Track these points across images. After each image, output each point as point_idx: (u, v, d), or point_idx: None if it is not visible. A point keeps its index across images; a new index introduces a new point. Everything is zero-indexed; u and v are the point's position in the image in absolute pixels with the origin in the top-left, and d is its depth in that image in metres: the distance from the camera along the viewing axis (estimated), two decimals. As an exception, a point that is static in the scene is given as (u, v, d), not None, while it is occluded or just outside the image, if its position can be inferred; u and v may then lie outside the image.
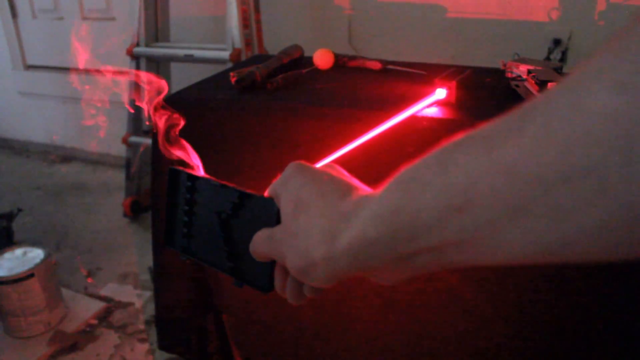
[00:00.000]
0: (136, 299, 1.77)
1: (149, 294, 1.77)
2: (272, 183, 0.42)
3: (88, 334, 1.62)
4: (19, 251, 1.62)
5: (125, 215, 2.29)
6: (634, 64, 0.21)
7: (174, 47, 2.06)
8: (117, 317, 1.69)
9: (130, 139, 2.20)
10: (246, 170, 1.03)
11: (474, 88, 1.01)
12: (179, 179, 0.52)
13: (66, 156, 3.01)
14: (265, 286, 0.44)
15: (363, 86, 1.08)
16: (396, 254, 0.32)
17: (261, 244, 0.41)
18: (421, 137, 0.87)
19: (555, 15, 1.71)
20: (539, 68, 0.94)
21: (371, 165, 0.81)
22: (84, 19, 2.65)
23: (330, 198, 0.36)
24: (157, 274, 1.17)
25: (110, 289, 1.83)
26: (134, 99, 2.20)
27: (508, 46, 1.78)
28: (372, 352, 1.06)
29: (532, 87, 0.92)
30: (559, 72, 0.94)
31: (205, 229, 0.50)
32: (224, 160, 1.04)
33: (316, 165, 0.42)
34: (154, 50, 2.10)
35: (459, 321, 0.95)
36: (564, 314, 0.87)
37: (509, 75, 0.99)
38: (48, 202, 2.49)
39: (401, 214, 0.30)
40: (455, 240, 0.28)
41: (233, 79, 1.06)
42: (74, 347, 1.57)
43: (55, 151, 3.05)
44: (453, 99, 0.93)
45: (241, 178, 1.04)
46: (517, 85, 0.97)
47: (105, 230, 2.22)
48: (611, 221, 0.22)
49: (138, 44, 2.11)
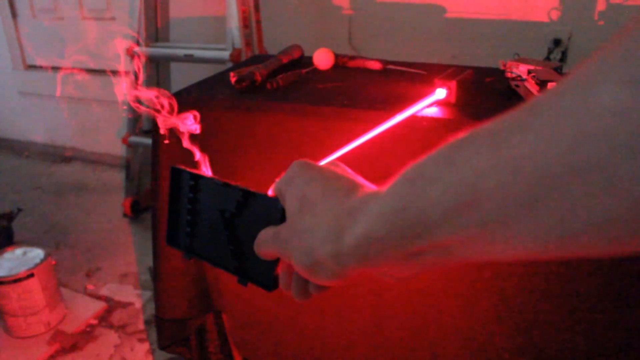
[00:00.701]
0: (136, 299, 1.77)
1: (149, 294, 1.77)
2: (276, 181, 0.42)
3: (88, 334, 1.62)
4: (19, 251, 1.62)
5: (125, 215, 2.29)
6: None
7: (174, 47, 2.06)
8: (117, 317, 1.69)
9: (130, 139, 2.20)
10: (246, 170, 1.03)
11: (474, 88, 1.01)
12: (181, 178, 0.52)
13: (66, 156, 3.01)
14: (270, 284, 0.44)
15: (363, 86, 1.08)
16: (403, 251, 0.32)
17: (266, 242, 0.41)
18: (421, 137, 0.87)
19: (555, 15, 1.71)
20: (539, 68, 0.94)
21: (371, 165, 0.81)
22: (84, 19, 2.65)
23: (336, 195, 0.36)
24: (157, 274, 1.17)
25: (110, 289, 1.83)
26: (134, 99, 2.19)
27: (508, 46, 1.78)
28: (372, 352, 1.06)
29: (532, 87, 0.92)
30: (559, 72, 0.94)
31: (208, 228, 0.50)
32: (224, 160, 1.04)
33: (320, 163, 0.42)
34: (154, 50, 2.10)
35: (459, 321, 0.95)
36: (564, 314, 0.87)
37: (509, 75, 0.99)
38: (48, 202, 2.49)
39: (408, 211, 0.30)
40: (463, 236, 0.28)
41: (233, 79, 1.06)
42: (74, 347, 1.57)
43: (55, 151, 3.05)
44: (453, 99, 0.93)
45: (241, 178, 1.04)
46: (517, 85, 0.97)
47: (105, 230, 2.22)
48: (619, 216, 0.22)
49: (138, 44, 2.11)
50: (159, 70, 2.23)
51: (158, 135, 1.08)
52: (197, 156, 0.54)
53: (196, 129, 0.56)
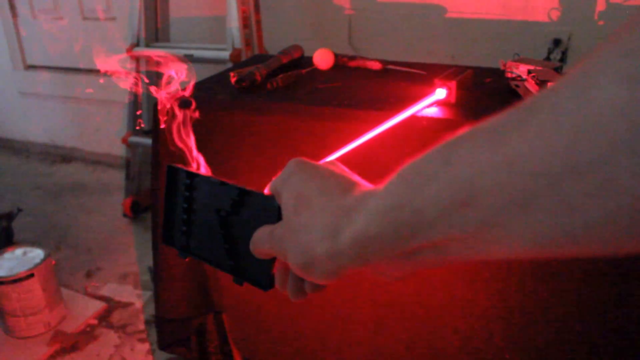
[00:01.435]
0: (136, 299, 1.77)
1: (149, 294, 1.77)
2: (273, 180, 0.42)
3: (88, 334, 1.62)
4: (19, 251, 1.62)
5: (125, 215, 2.29)
6: None
7: (174, 47, 2.06)
8: (117, 317, 1.69)
9: (130, 139, 2.20)
10: (246, 170, 1.03)
11: (474, 88, 1.01)
12: (177, 176, 0.51)
13: (66, 156, 3.01)
14: (266, 284, 0.44)
15: (363, 86, 1.08)
16: (399, 250, 0.31)
17: (262, 241, 0.41)
18: (421, 137, 0.87)
19: (555, 15, 1.71)
20: (539, 68, 0.94)
21: (371, 165, 0.81)
22: (84, 19, 2.65)
23: (332, 194, 0.36)
24: (157, 274, 1.17)
25: (110, 289, 1.83)
26: (134, 98, 2.19)
27: (508, 46, 1.78)
28: (372, 352, 1.06)
29: (532, 87, 0.92)
30: (559, 72, 0.94)
31: (204, 227, 0.49)
32: (223, 160, 1.04)
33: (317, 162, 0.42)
34: (154, 51, 2.10)
35: (459, 321, 0.95)
36: (564, 314, 0.87)
37: (509, 75, 0.99)
38: (48, 202, 2.49)
39: (404, 209, 0.29)
40: (459, 234, 0.28)
41: (233, 79, 1.06)
42: (74, 347, 1.57)
43: (55, 151, 3.05)
44: (453, 99, 0.93)
45: (241, 178, 1.04)
46: (517, 85, 0.97)
47: (105, 230, 2.22)
48: (618, 214, 0.22)
49: (138, 44, 2.11)
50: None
51: (158, 134, 1.08)
52: (194, 154, 0.54)
53: (190, 102, 0.55)
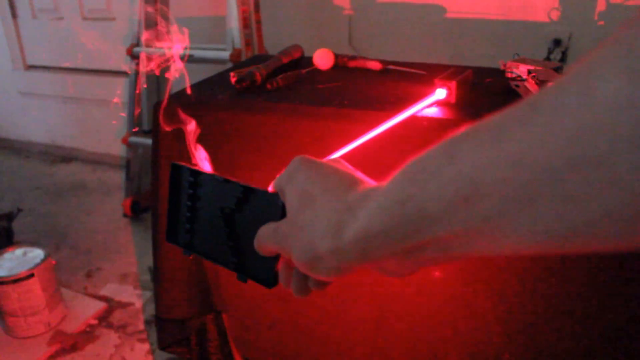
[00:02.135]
0: (136, 299, 1.77)
1: (149, 294, 1.77)
2: (276, 177, 0.42)
3: (88, 334, 1.62)
4: (19, 251, 1.62)
5: (125, 215, 2.29)
6: None
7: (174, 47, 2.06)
8: (117, 317, 1.69)
9: (130, 139, 2.20)
10: (246, 171, 1.03)
11: (474, 88, 1.01)
12: (181, 174, 0.52)
13: (66, 156, 3.01)
14: (270, 281, 0.44)
15: (363, 86, 1.08)
16: (402, 246, 0.31)
17: (266, 238, 0.41)
18: (421, 137, 0.87)
19: (555, 15, 1.71)
20: (539, 68, 0.94)
21: (371, 165, 0.81)
22: (84, 19, 2.65)
23: (336, 191, 0.36)
24: (157, 274, 1.17)
25: (110, 289, 1.83)
26: (134, 98, 2.19)
27: (508, 46, 1.78)
28: (372, 352, 1.06)
29: (532, 87, 0.92)
30: (559, 72, 0.95)
31: (208, 225, 0.49)
32: (223, 160, 1.04)
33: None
34: (154, 50, 2.10)
35: (459, 321, 0.95)
36: (564, 314, 0.87)
37: (509, 75, 0.99)
38: (48, 202, 2.49)
39: (408, 205, 0.30)
40: (463, 231, 0.28)
41: (233, 79, 1.06)
42: (74, 347, 1.57)
43: (55, 151, 3.05)
44: (453, 99, 0.93)
45: (241, 178, 1.04)
46: (517, 85, 0.97)
47: (105, 230, 2.22)
48: (620, 210, 0.22)
49: (138, 44, 2.11)
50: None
51: (158, 134, 1.08)
52: (198, 151, 0.54)
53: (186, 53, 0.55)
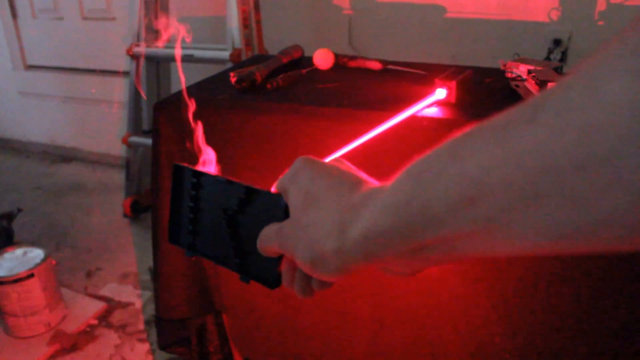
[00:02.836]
0: (136, 299, 1.77)
1: (149, 294, 1.77)
2: (279, 178, 0.42)
3: (88, 334, 1.62)
4: (19, 251, 1.62)
5: (125, 215, 2.29)
6: None
7: (174, 47, 2.06)
8: (117, 317, 1.69)
9: (130, 139, 2.20)
10: (246, 171, 1.03)
11: (474, 88, 1.01)
12: (183, 175, 0.52)
13: (66, 156, 3.01)
14: (273, 281, 0.44)
15: (363, 86, 1.08)
16: (407, 246, 0.31)
17: (269, 238, 0.41)
18: (421, 137, 0.87)
19: (555, 15, 1.71)
20: (539, 68, 0.94)
21: (371, 165, 0.81)
22: (84, 19, 2.65)
23: (340, 191, 0.36)
24: (157, 274, 1.17)
25: (110, 289, 1.83)
26: (134, 98, 2.19)
27: (508, 46, 1.78)
28: (372, 352, 1.06)
29: (532, 87, 0.92)
30: (559, 72, 0.94)
31: (210, 226, 0.49)
32: (224, 161, 1.04)
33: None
34: (154, 50, 2.10)
35: (459, 321, 0.95)
36: (564, 315, 0.87)
37: (509, 75, 0.99)
38: (48, 202, 2.49)
39: (412, 205, 0.29)
40: (468, 230, 0.28)
41: (233, 79, 1.06)
42: (74, 347, 1.57)
43: (55, 151, 3.05)
44: (453, 99, 0.93)
45: (241, 178, 1.04)
46: (517, 85, 0.97)
47: (105, 230, 2.22)
48: (625, 210, 0.22)
49: (138, 44, 2.11)
50: (159, 70, 2.23)
51: (158, 134, 1.08)
52: (207, 152, 0.54)
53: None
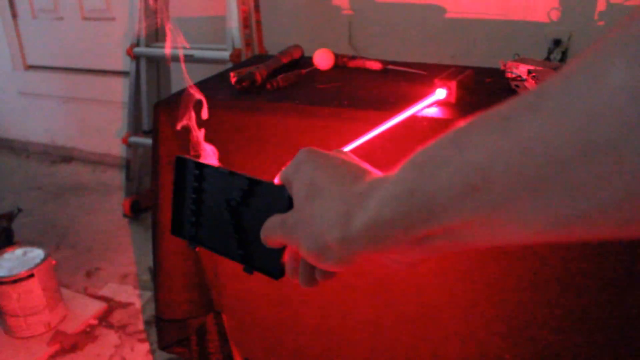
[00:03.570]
0: (136, 299, 1.77)
1: (149, 294, 1.77)
2: (283, 169, 0.42)
3: (88, 334, 1.62)
4: (19, 251, 1.62)
5: (125, 215, 2.29)
6: None
7: (174, 47, 2.06)
8: (117, 317, 1.69)
9: (130, 139, 2.20)
10: (246, 171, 1.03)
11: (474, 88, 1.01)
12: (186, 167, 0.52)
13: (66, 156, 3.01)
14: (277, 272, 0.44)
15: (363, 86, 1.08)
16: (411, 235, 0.31)
17: (273, 229, 0.41)
18: (421, 137, 0.87)
19: (555, 15, 1.71)
20: (539, 68, 0.94)
21: (371, 165, 0.81)
22: (84, 19, 2.65)
23: (344, 181, 0.36)
24: (157, 274, 1.17)
25: (110, 289, 1.83)
26: (134, 98, 2.19)
27: (508, 46, 1.78)
28: (372, 352, 1.06)
29: (532, 87, 0.92)
30: (559, 72, 0.94)
31: (213, 217, 0.49)
32: (224, 161, 1.04)
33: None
34: (154, 50, 2.10)
35: (460, 322, 0.95)
36: (565, 314, 0.87)
37: (509, 75, 0.99)
38: (48, 202, 2.49)
39: (416, 194, 0.29)
40: (472, 219, 0.28)
41: (233, 79, 1.06)
42: (74, 347, 1.57)
43: (55, 151, 3.05)
44: (453, 99, 0.93)
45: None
46: (517, 85, 0.97)
47: (105, 230, 2.22)
48: (629, 197, 0.22)
49: (138, 44, 2.11)
50: (159, 70, 2.23)
51: (158, 134, 1.08)
52: (206, 148, 0.54)
53: None
